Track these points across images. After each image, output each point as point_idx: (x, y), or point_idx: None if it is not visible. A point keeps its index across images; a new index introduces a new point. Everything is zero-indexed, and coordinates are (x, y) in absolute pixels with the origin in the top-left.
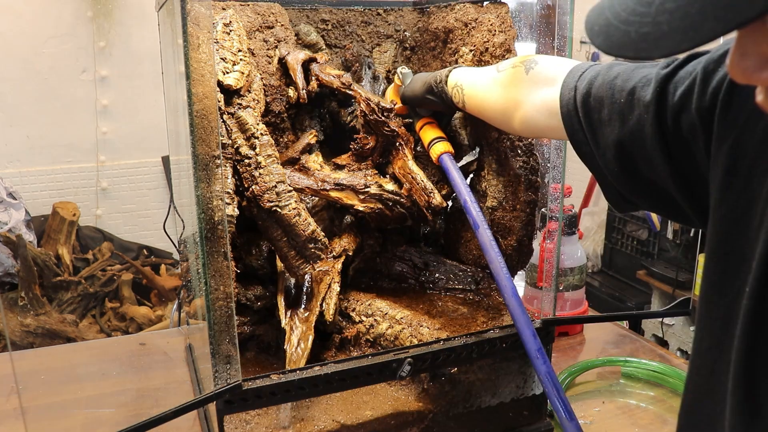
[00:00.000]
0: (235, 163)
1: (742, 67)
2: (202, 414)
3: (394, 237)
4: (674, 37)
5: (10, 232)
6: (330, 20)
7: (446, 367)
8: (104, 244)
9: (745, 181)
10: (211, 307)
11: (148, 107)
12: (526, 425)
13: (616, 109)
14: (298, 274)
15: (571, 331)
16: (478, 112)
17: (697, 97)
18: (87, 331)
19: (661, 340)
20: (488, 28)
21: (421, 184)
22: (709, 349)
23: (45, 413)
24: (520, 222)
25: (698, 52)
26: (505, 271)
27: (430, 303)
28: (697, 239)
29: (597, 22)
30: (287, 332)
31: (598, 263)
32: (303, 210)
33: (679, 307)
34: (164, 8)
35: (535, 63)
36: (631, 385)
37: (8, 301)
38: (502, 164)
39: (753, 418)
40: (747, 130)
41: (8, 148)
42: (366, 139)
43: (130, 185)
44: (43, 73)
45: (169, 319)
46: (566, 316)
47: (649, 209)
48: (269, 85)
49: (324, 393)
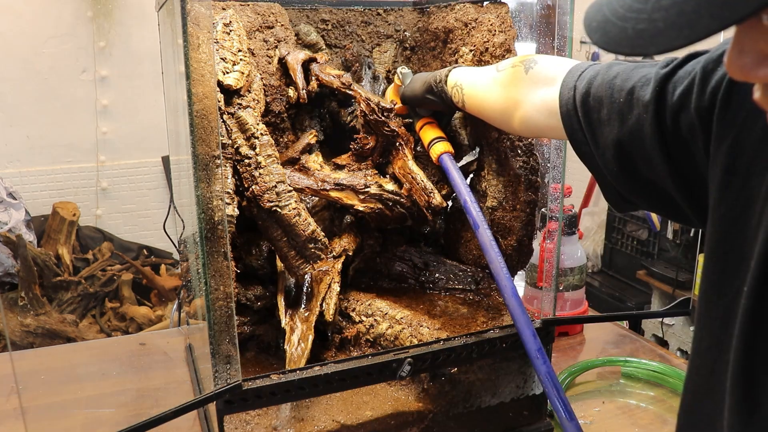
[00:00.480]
0: (235, 163)
1: (739, 64)
2: (202, 414)
3: (394, 237)
4: (670, 34)
5: (10, 232)
6: (330, 20)
7: (446, 367)
8: (104, 244)
9: (744, 179)
10: (211, 307)
11: (148, 107)
12: (526, 425)
13: (616, 109)
14: (298, 274)
15: (571, 331)
16: (477, 112)
17: (696, 97)
18: (87, 331)
19: (661, 340)
20: (488, 28)
21: (421, 184)
22: (708, 349)
23: (45, 413)
24: (520, 222)
25: (698, 51)
26: (505, 271)
27: (430, 303)
28: (697, 239)
29: (595, 18)
30: (287, 332)
31: (598, 263)
32: (303, 210)
33: (679, 307)
34: (164, 8)
35: (534, 62)
36: (631, 385)
37: (8, 301)
38: (502, 164)
39: (751, 417)
40: (746, 129)
41: (8, 148)
42: (366, 139)
43: (130, 185)
44: (43, 73)
45: (169, 319)
46: (566, 316)
47: (648, 209)
48: (269, 85)
49: (324, 393)
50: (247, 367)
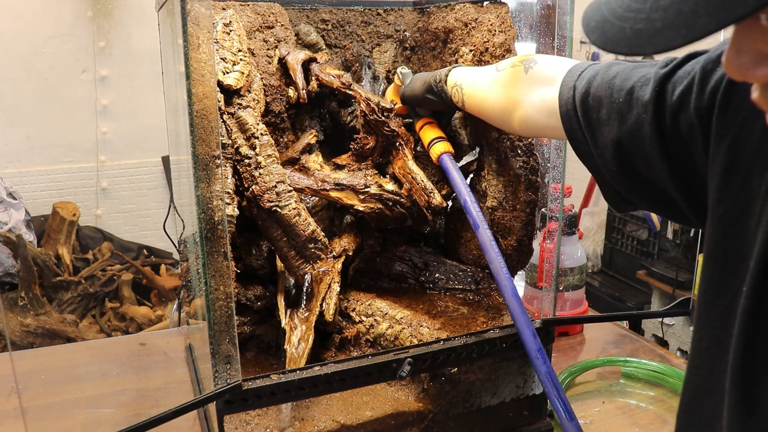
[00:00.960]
0: (235, 163)
1: (737, 63)
2: (202, 414)
3: (394, 237)
4: (667, 33)
5: (10, 232)
6: (330, 20)
7: (446, 367)
8: (104, 244)
9: (744, 179)
10: (211, 307)
11: (148, 107)
12: (526, 425)
13: (615, 109)
14: (298, 274)
15: (571, 331)
16: (477, 112)
17: (695, 97)
18: (87, 331)
19: (661, 340)
20: (488, 28)
21: (421, 184)
22: (707, 349)
23: (45, 413)
24: (520, 222)
25: (697, 51)
26: (505, 271)
27: (430, 303)
28: (697, 239)
29: (593, 17)
30: (287, 332)
31: (598, 263)
32: (303, 210)
33: (679, 307)
34: (164, 8)
35: (534, 62)
36: (631, 385)
37: (8, 301)
38: (502, 164)
39: (750, 417)
40: (745, 129)
41: (8, 148)
42: (366, 139)
43: (130, 185)
44: (43, 73)
45: (169, 319)
46: (566, 316)
47: (647, 209)
48: (269, 85)
49: (324, 393)
50: (247, 367)
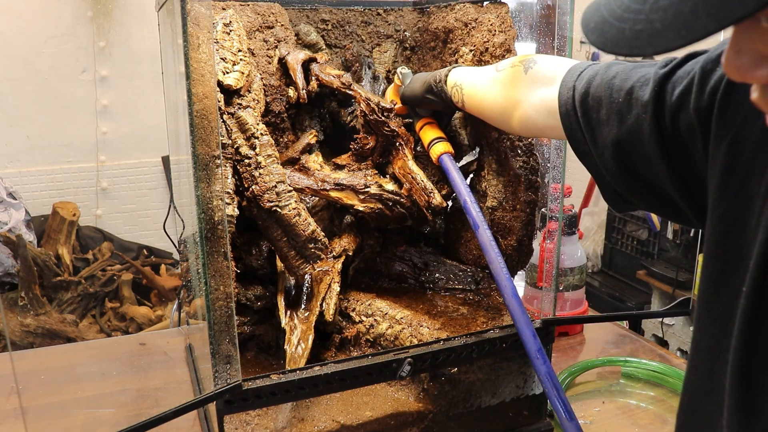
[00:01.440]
0: (235, 163)
1: (736, 64)
2: (202, 414)
3: (394, 237)
4: (667, 34)
5: (10, 232)
6: (330, 20)
7: (446, 367)
8: (104, 244)
9: (743, 179)
10: (211, 307)
11: (148, 107)
12: (526, 425)
13: (615, 109)
14: (298, 274)
15: (571, 331)
16: (477, 112)
17: (695, 97)
18: (87, 331)
19: (661, 340)
20: (488, 28)
21: (421, 184)
22: (707, 349)
23: (45, 413)
24: (520, 222)
25: (697, 51)
26: (505, 271)
27: (430, 303)
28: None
29: (593, 18)
30: (287, 332)
31: (598, 263)
32: (303, 210)
33: (679, 307)
34: (164, 8)
35: (533, 62)
36: (631, 385)
37: (8, 301)
38: (502, 164)
39: (750, 417)
40: (744, 129)
41: (8, 148)
42: (366, 139)
43: (130, 185)
44: (43, 73)
45: (169, 319)
46: (566, 316)
47: (647, 209)
48: (269, 85)
49: (324, 393)
50: (247, 367)
